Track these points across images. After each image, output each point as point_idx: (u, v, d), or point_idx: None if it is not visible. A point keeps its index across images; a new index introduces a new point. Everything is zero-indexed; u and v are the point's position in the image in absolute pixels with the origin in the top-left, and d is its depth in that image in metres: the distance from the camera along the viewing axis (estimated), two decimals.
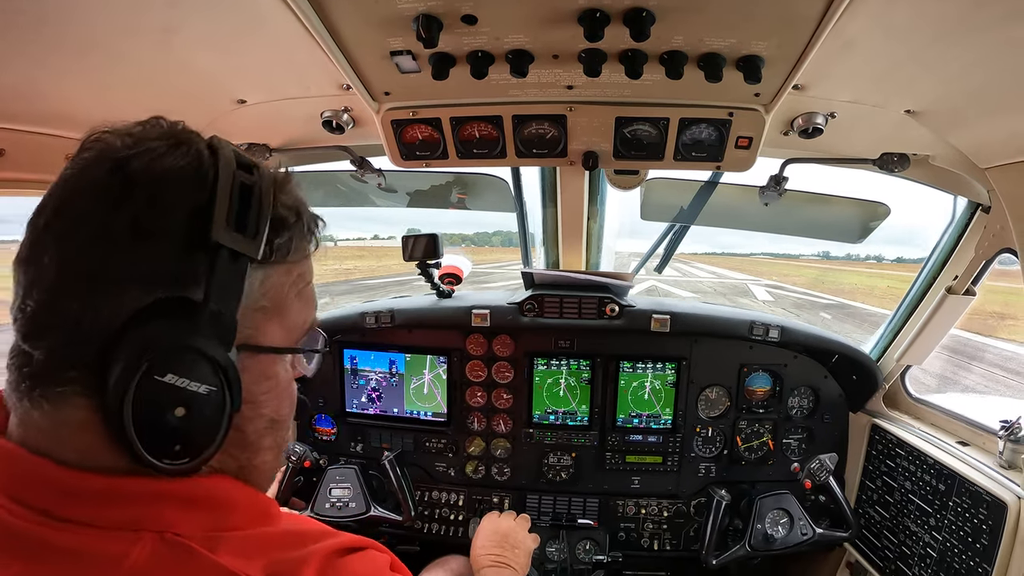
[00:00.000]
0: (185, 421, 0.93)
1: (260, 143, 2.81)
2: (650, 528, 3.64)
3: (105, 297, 0.89)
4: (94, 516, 0.89)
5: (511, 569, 2.50)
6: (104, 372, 0.88)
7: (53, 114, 2.14)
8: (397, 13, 1.66)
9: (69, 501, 0.89)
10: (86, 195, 0.92)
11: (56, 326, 0.89)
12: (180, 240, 0.92)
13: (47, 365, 0.89)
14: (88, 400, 0.90)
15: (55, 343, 0.89)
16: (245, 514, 1.04)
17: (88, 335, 0.88)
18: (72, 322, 0.88)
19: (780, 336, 3.38)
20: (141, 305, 0.89)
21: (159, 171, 0.94)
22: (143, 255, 0.91)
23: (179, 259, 0.93)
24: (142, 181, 0.92)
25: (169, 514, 0.93)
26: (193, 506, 0.97)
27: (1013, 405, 3.34)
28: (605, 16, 1.63)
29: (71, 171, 0.95)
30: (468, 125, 2.43)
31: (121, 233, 0.89)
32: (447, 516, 3.72)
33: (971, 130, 2.23)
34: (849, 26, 1.62)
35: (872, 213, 3.24)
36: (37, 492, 0.90)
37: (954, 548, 2.65)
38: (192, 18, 1.73)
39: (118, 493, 0.91)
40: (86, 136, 1.00)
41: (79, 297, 0.88)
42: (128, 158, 0.93)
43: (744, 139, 2.34)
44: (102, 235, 0.89)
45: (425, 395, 3.69)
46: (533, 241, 4.07)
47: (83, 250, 0.89)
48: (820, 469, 3.21)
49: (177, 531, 0.91)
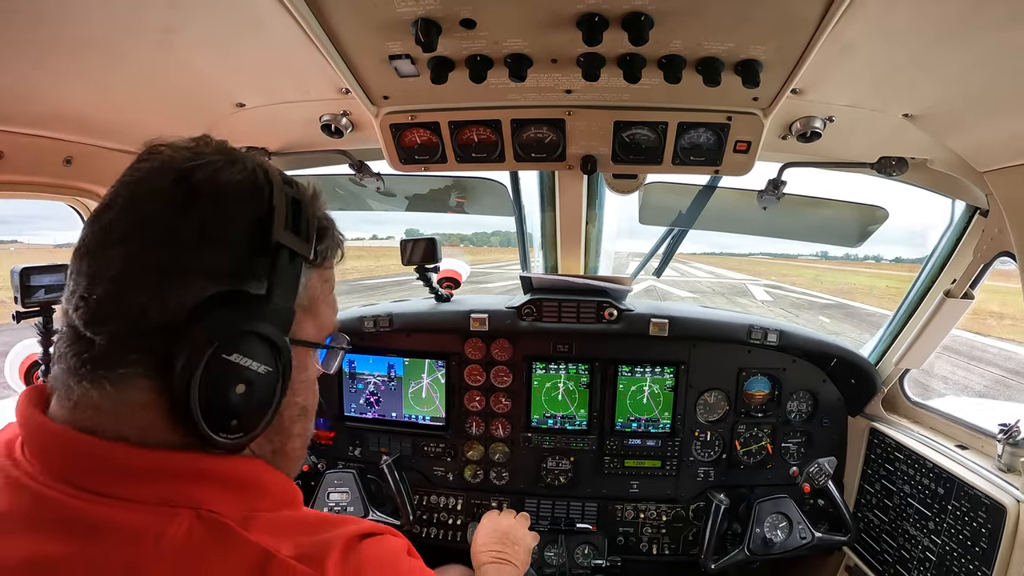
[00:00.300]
0: (244, 398, 1.05)
1: (259, 146, 2.81)
2: (649, 532, 3.64)
3: (172, 289, 0.99)
4: (137, 492, 0.96)
5: (512, 565, 2.50)
6: (169, 354, 0.97)
7: (51, 116, 2.14)
8: (396, 17, 1.66)
9: (114, 477, 0.96)
10: (153, 200, 1.02)
11: (122, 314, 0.97)
12: (243, 242, 1.05)
13: (111, 349, 0.98)
14: (151, 381, 0.99)
15: (120, 329, 0.98)
16: (275, 498, 1.12)
17: (154, 322, 0.97)
18: (139, 311, 0.97)
19: (779, 340, 3.38)
20: (204, 296, 1.00)
21: (222, 183, 1.05)
22: (209, 254, 1.02)
23: (242, 258, 1.05)
24: (206, 191, 1.03)
25: (206, 493, 1.00)
26: (229, 486, 1.05)
27: (1012, 408, 3.33)
28: (604, 20, 1.63)
29: (134, 177, 1.05)
30: (467, 129, 2.43)
31: (189, 235, 1.00)
32: (446, 520, 3.71)
33: (969, 134, 2.23)
34: (847, 30, 1.62)
35: (870, 217, 3.24)
36: (84, 470, 0.97)
37: (953, 552, 2.65)
38: (191, 21, 1.72)
39: (163, 469, 0.99)
40: (143, 150, 1.11)
41: (147, 289, 0.97)
42: (191, 169, 1.04)
43: (742, 143, 2.34)
44: (170, 236, 1.00)
45: (423, 399, 3.68)
46: (531, 244, 4.06)
47: (151, 248, 0.99)
48: (819, 473, 3.21)
49: (213, 508, 0.98)
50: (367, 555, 1.10)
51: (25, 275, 2.31)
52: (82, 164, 2.39)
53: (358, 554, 1.08)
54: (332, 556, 1.02)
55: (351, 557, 1.06)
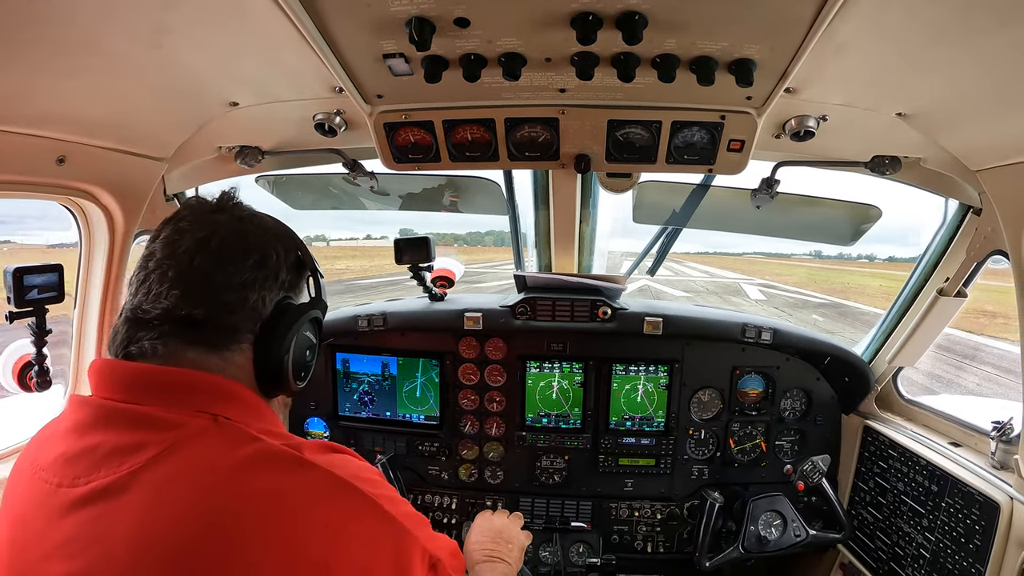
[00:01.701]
0: (309, 357, 1.61)
1: (252, 145, 2.80)
2: (643, 531, 3.64)
3: (267, 292, 1.45)
4: (172, 401, 1.29)
5: (504, 563, 2.50)
6: (264, 334, 1.44)
7: (44, 115, 2.12)
8: (390, 16, 1.66)
9: (155, 391, 1.31)
10: (241, 240, 1.44)
11: (245, 307, 1.41)
12: (295, 267, 1.55)
13: (236, 330, 1.41)
14: (249, 353, 1.44)
15: (243, 317, 1.41)
16: (270, 421, 1.46)
17: (259, 313, 1.44)
18: (251, 305, 1.42)
19: (772, 338, 3.39)
20: (278, 299, 1.48)
21: (274, 227, 1.56)
22: (280, 274, 1.49)
23: (295, 276, 1.56)
24: (270, 231, 1.53)
25: (224, 407, 1.33)
26: (241, 406, 1.39)
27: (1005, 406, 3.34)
28: (598, 19, 1.63)
29: (212, 222, 1.44)
30: (460, 128, 2.42)
31: (272, 262, 1.47)
32: (440, 519, 3.72)
33: (962, 133, 2.23)
34: (841, 30, 1.62)
35: (864, 215, 3.24)
36: (132, 388, 1.31)
37: (947, 549, 2.66)
38: (185, 20, 1.72)
39: (196, 385, 1.34)
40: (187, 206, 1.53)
41: (256, 292, 1.42)
42: (252, 216, 1.53)
43: (736, 142, 2.34)
44: (263, 261, 1.45)
45: (418, 398, 3.68)
46: (525, 243, 4.06)
47: (256, 267, 1.43)
48: (813, 471, 3.22)
49: (227, 415, 1.31)
50: (340, 456, 1.40)
51: (18, 275, 2.30)
52: (75, 163, 2.37)
53: (333, 454, 1.39)
54: (311, 448, 1.34)
55: (326, 453, 1.36)
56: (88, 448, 1.24)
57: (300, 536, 1.19)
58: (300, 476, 1.26)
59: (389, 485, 1.47)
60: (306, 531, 1.20)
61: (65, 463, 1.25)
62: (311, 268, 1.63)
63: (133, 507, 1.16)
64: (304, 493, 1.24)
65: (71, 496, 1.20)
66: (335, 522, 1.25)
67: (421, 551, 1.44)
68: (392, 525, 1.35)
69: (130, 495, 1.17)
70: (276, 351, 1.46)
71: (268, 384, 1.48)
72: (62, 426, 1.34)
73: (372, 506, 1.32)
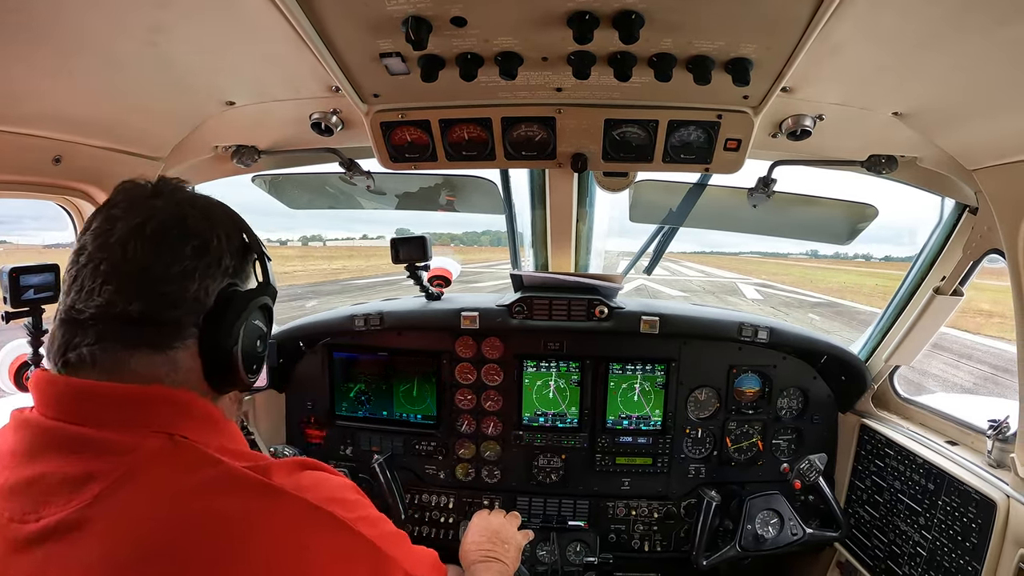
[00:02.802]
0: (260, 348, 1.49)
1: (249, 145, 2.79)
2: (640, 529, 3.64)
3: (210, 281, 1.33)
4: (122, 419, 1.20)
5: (501, 563, 2.49)
6: (211, 325, 1.33)
7: (40, 115, 2.12)
8: (386, 15, 1.66)
9: (104, 409, 1.21)
10: (183, 224, 1.33)
11: (187, 299, 1.30)
12: (240, 252, 1.44)
13: (179, 326, 1.30)
14: (195, 349, 1.32)
15: (188, 311, 1.30)
16: (231, 438, 1.38)
17: (202, 306, 1.32)
18: (193, 297, 1.30)
19: (769, 337, 3.39)
20: (222, 287, 1.36)
21: (219, 211, 1.45)
22: (224, 259, 1.38)
23: (241, 261, 1.44)
24: (216, 218, 1.41)
25: (180, 423, 1.25)
26: (198, 420, 1.30)
27: (1001, 404, 3.35)
28: (594, 19, 1.63)
29: (152, 208, 1.32)
30: (457, 127, 2.42)
31: (215, 246, 1.35)
32: (437, 519, 3.71)
33: (958, 132, 2.24)
34: (837, 29, 1.62)
35: (860, 214, 3.25)
36: (78, 407, 1.21)
37: (944, 547, 2.67)
38: (181, 19, 1.71)
39: (146, 400, 1.24)
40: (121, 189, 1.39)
41: (198, 282, 1.31)
42: (195, 199, 1.42)
43: (733, 141, 2.34)
44: (204, 247, 1.33)
45: (414, 397, 3.68)
46: (522, 242, 4.06)
47: (197, 255, 1.32)
48: (810, 469, 3.22)
49: (183, 434, 1.23)
50: (310, 477, 1.31)
51: (14, 275, 2.30)
52: (72, 163, 2.37)
53: (303, 474, 1.31)
54: (279, 471, 1.26)
55: (295, 474, 1.28)
56: (33, 478, 1.15)
57: (271, 569, 1.13)
58: (268, 504, 1.18)
59: (366, 503, 1.40)
60: (277, 564, 1.14)
61: (11, 495, 1.16)
62: (257, 252, 1.51)
63: (91, 545, 1.08)
64: (273, 522, 1.16)
65: (24, 532, 1.11)
66: (307, 554, 1.17)
67: (402, 573, 1.37)
68: (369, 551, 1.29)
69: (86, 533, 1.09)
70: (224, 343, 1.34)
71: (219, 381, 1.38)
72: (5, 446, 1.23)
73: (347, 532, 1.25)
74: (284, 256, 75.65)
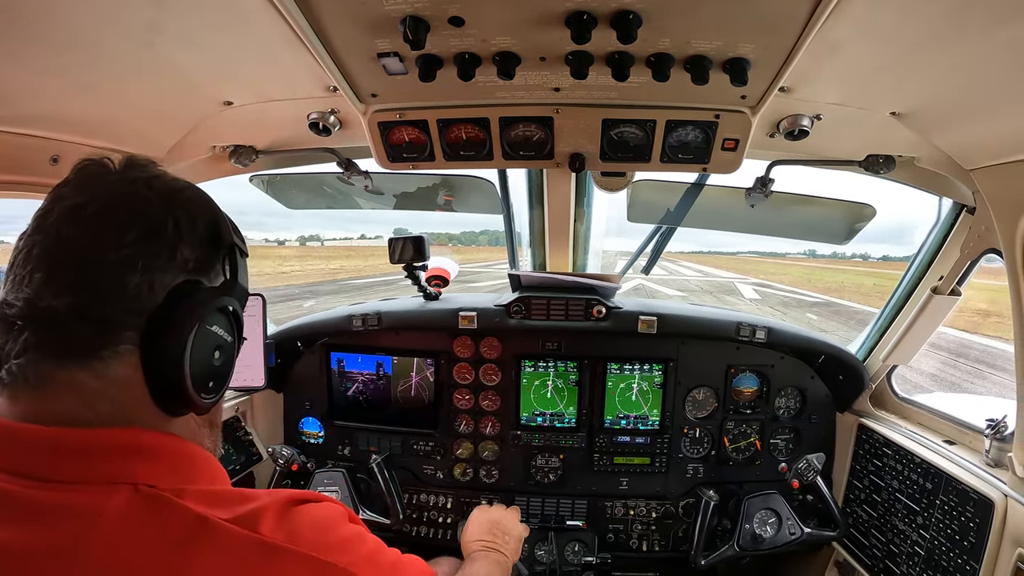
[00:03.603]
0: (219, 362, 1.24)
1: (246, 145, 2.79)
2: (639, 529, 3.65)
3: (157, 275, 1.11)
4: (75, 473, 1.01)
5: (500, 554, 2.50)
6: (155, 331, 1.10)
7: (37, 115, 2.11)
8: (384, 15, 1.65)
9: (59, 463, 1.02)
10: (133, 202, 1.15)
11: (121, 295, 1.08)
12: (205, 241, 1.22)
13: (107, 329, 1.08)
14: (137, 358, 1.10)
15: (119, 308, 1.08)
16: (207, 475, 1.20)
17: (144, 304, 1.09)
18: (133, 292, 1.08)
19: (767, 337, 3.39)
20: (176, 283, 1.14)
21: (184, 192, 1.23)
22: (182, 249, 1.16)
23: (205, 253, 1.23)
24: (176, 198, 1.20)
25: (144, 468, 1.06)
26: (165, 461, 1.11)
27: (999, 403, 3.36)
28: (592, 18, 1.63)
29: (104, 182, 1.18)
30: (455, 127, 2.41)
31: (169, 232, 1.15)
32: (435, 519, 3.72)
33: (956, 132, 2.24)
34: (835, 29, 1.62)
35: (858, 214, 3.25)
36: (31, 461, 1.01)
37: (942, 546, 2.67)
38: (178, 18, 1.71)
39: (104, 448, 1.05)
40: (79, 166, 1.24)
41: (141, 272, 1.09)
42: (156, 177, 1.22)
43: (730, 141, 2.34)
44: (154, 231, 1.13)
45: (413, 397, 3.67)
46: (520, 242, 4.06)
47: (143, 240, 1.11)
48: (808, 469, 3.23)
49: (150, 483, 1.03)
50: (303, 517, 1.14)
51: None
52: (69, 163, 2.33)
53: (293, 516, 1.13)
54: (267, 518, 1.07)
55: (286, 518, 1.11)
56: None
57: None
58: (265, 566, 1.03)
59: (361, 532, 1.28)
60: None
61: None
62: (228, 244, 1.27)
63: None
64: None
65: None
66: None
67: None
68: None
69: None
70: (169, 353, 1.11)
71: (167, 401, 1.14)
72: None
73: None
74: (282, 256, 75.72)
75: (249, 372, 3.09)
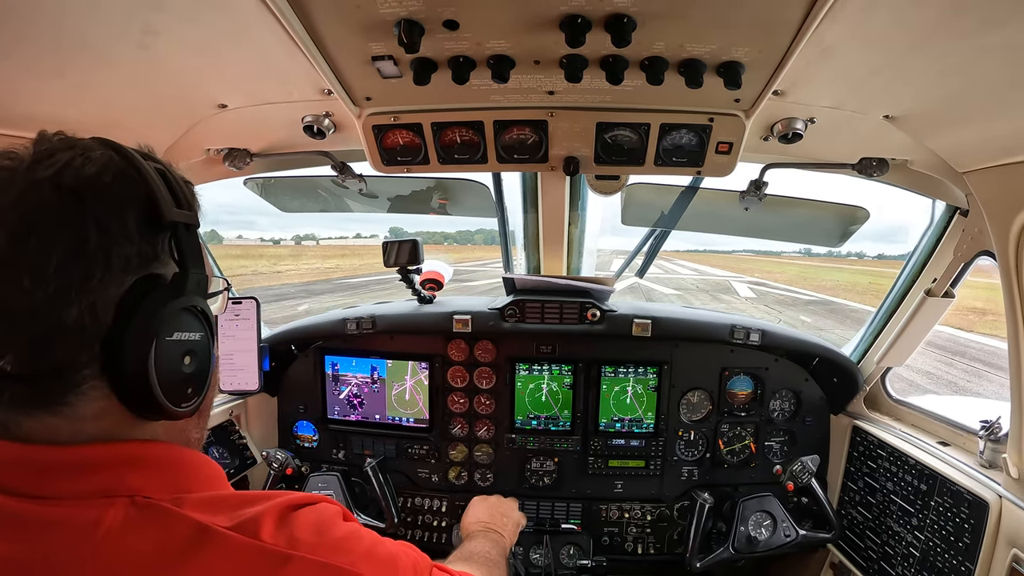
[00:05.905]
0: (192, 366, 1.13)
1: (241, 148, 2.78)
2: (634, 532, 3.65)
3: (95, 294, 0.96)
4: (68, 489, 0.97)
5: (498, 534, 2.51)
6: (114, 355, 0.99)
7: (30, 117, 2.10)
8: (379, 18, 1.65)
9: (52, 479, 0.97)
10: (45, 218, 0.95)
11: (66, 334, 0.95)
12: (139, 228, 1.03)
13: (64, 373, 0.98)
14: (104, 387, 1.01)
15: (68, 350, 0.96)
16: (203, 478, 1.15)
17: (91, 331, 0.96)
18: (77, 326, 0.95)
19: (761, 339, 3.40)
20: (124, 290, 0.99)
21: (96, 179, 1.01)
22: (115, 250, 0.99)
23: (145, 243, 1.04)
24: (88, 192, 0.98)
25: (139, 479, 1.02)
26: (159, 470, 1.08)
27: (993, 404, 3.37)
28: (587, 22, 1.63)
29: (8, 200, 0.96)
30: (449, 130, 2.41)
31: (92, 237, 0.96)
32: (430, 522, 3.71)
33: (949, 135, 2.24)
34: (828, 33, 1.62)
35: (851, 217, 3.25)
36: (11, 476, 0.96)
37: (936, 547, 2.68)
38: (173, 21, 1.70)
39: (97, 463, 1.00)
40: None
41: (76, 302, 0.94)
42: (60, 173, 0.98)
43: (724, 144, 2.34)
44: (78, 246, 0.95)
45: (407, 401, 3.67)
46: (514, 245, 4.06)
47: (67, 262, 0.94)
48: (802, 471, 3.23)
49: (146, 493, 1.00)
50: (302, 521, 1.12)
51: None
52: None
53: (293, 520, 1.11)
54: (267, 524, 1.05)
55: (286, 523, 1.09)
56: None
57: None
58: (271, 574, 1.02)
59: (358, 530, 1.25)
60: None
61: None
62: (170, 223, 1.09)
63: None
64: None
65: None
66: None
67: None
68: None
69: None
70: (134, 376, 1.01)
71: (147, 416, 1.07)
72: None
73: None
74: (278, 255, 75.63)
75: (243, 376, 3.08)
